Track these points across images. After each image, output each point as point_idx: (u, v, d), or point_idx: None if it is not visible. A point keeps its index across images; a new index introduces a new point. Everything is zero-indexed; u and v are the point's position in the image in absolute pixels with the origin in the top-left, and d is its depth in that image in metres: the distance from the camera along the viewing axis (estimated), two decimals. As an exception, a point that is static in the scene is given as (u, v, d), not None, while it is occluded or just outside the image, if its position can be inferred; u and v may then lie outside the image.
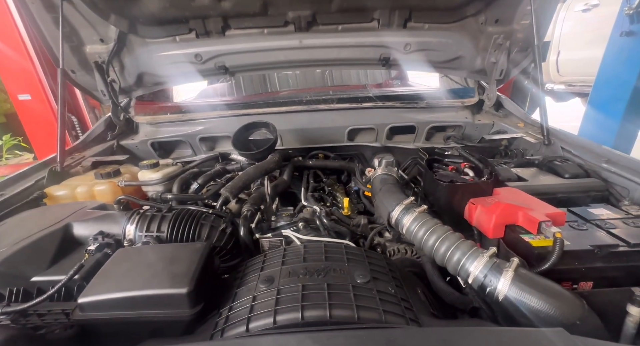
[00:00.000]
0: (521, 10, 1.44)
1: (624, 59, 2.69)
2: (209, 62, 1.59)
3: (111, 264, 0.69)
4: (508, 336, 0.50)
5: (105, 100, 1.63)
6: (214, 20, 1.44)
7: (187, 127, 1.74)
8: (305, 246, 0.79)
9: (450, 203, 0.94)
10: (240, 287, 0.68)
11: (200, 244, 0.76)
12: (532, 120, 1.64)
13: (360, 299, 0.60)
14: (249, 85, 2.49)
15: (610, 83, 2.84)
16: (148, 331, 0.63)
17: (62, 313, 0.67)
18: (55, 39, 1.40)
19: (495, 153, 1.56)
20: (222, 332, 0.58)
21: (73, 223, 0.91)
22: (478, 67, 1.65)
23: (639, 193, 0.99)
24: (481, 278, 0.65)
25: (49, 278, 0.75)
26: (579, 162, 1.21)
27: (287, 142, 1.74)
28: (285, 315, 0.57)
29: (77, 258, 0.83)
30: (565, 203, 0.97)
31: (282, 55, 1.59)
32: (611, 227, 0.79)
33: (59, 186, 1.24)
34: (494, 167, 1.00)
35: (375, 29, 1.51)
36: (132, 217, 0.92)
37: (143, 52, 1.55)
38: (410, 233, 0.82)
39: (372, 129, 1.75)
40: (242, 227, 0.95)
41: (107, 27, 1.45)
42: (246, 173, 1.18)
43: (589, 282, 0.71)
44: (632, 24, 2.56)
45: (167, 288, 0.61)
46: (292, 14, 1.42)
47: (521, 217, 0.78)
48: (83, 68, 1.55)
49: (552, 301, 0.58)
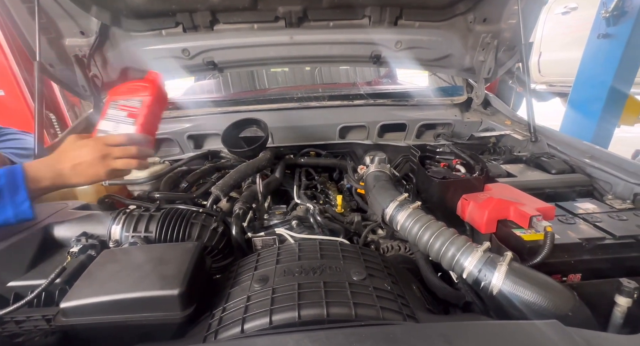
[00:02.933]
0: (508, 9, 1.47)
1: (602, 60, 2.80)
2: (197, 58, 1.55)
3: (96, 266, 0.66)
4: (505, 329, 0.50)
5: (86, 96, 1.55)
6: (202, 14, 1.40)
7: (174, 124, 1.69)
8: (300, 244, 0.78)
9: (443, 199, 0.95)
10: (234, 287, 0.67)
11: (191, 244, 0.73)
12: (518, 117, 1.68)
13: (357, 296, 0.60)
14: (238, 82, 2.44)
15: (589, 83, 2.95)
16: (137, 335, 0.60)
17: (43, 319, 0.63)
18: (31, 30, 1.32)
19: (484, 150, 1.59)
20: (216, 334, 0.56)
21: (53, 224, 0.86)
22: (467, 65, 1.68)
23: (621, 188, 1.03)
24: (475, 273, 0.66)
25: (27, 283, 0.71)
26: (565, 158, 1.25)
27: (278, 140, 1.71)
28: (282, 315, 0.56)
29: (58, 261, 0.78)
30: (552, 198, 0.99)
31: (273, 51, 1.57)
32: (597, 221, 0.82)
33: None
34: (485, 163, 1.01)
35: (366, 26, 1.51)
36: (118, 217, 0.88)
37: (127, 46, 1.48)
38: (404, 230, 0.82)
39: (364, 127, 1.75)
40: (234, 225, 0.93)
41: (89, 19, 1.38)
42: (237, 171, 1.15)
43: (578, 274, 0.72)
44: (608, 26, 2.67)
45: (157, 290, 0.58)
46: (283, 9, 1.40)
47: (513, 212, 0.80)
48: (62, 62, 1.47)
49: (545, 294, 0.59)
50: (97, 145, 0.76)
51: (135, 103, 0.85)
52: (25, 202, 0.70)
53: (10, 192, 0.68)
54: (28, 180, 0.70)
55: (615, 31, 2.65)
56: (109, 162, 0.76)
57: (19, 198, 0.69)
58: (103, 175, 0.76)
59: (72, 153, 0.75)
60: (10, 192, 0.68)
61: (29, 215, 0.71)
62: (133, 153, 0.79)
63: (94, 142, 0.76)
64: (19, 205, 0.69)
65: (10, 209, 0.69)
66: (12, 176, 0.69)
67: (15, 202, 0.69)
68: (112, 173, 0.77)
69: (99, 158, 0.74)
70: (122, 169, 0.79)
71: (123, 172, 0.80)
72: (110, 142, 0.77)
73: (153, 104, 0.86)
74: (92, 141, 0.77)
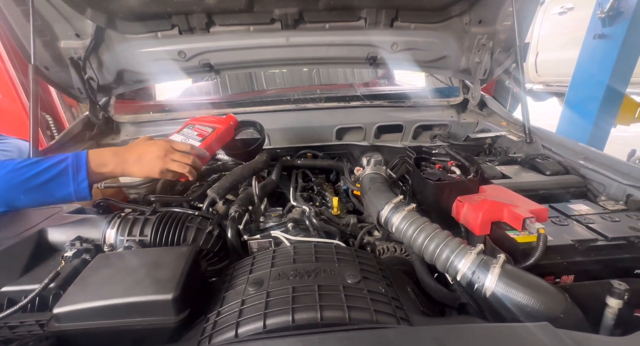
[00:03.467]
0: (503, 11, 1.48)
1: (598, 60, 2.82)
2: (193, 60, 1.55)
3: (90, 271, 0.66)
4: (498, 332, 0.50)
5: (82, 98, 1.55)
6: (198, 16, 1.40)
7: (171, 126, 1.69)
8: (295, 247, 0.78)
9: (438, 201, 0.95)
10: (229, 291, 0.67)
11: (186, 247, 0.73)
12: (514, 118, 1.68)
13: (351, 299, 0.60)
14: (235, 84, 2.44)
15: (585, 83, 2.97)
16: (131, 340, 0.60)
17: (37, 324, 0.63)
18: (25, 33, 1.31)
19: (479, 151, 1.60)
20: (210, 338, 0.56)
21: (48, 228, 0.86)
22: (463, 66, 1.69)
23: (614, 189, 1.04)
24: (469, 275, 0.66)
25: (21, 288, 0.71)
26: (559, 160, 1.25)
27: (274, 142, 1.71)
28: (276, 319, 0.56)
29: (52, 265, 0.78)
30: (546, 200, 1.00)
31: (269, 53, 1.57)
32: (590, 222, 0.82)
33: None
34: (479, 165, 1.02)
35: (362, 28, 1.51)
36: (113, 221, 0.88)
37: (123, 49, 1.48)
38: (399, 232, 0.82)
39: (360, 128, 1.76)
40: (230, 228, 0.93)
41: (84, 22, 1.37)
42: (233, 174, 1.15)
43: (570, 276, 0.73)
44: (604, 27, 2.69)
45: (151, 295, 0.58)
46: (279, 11, 1.40)
47: (506, 214, 0.80)
48: (57, 64, 1.47)
49: (537, 296, 0.59)
50: (165, 144, 0.90)
51: (207, 129, 1.07)
52: (85, 181, 0.80)
53: (74, 170, 0.79)
54: (90, 163, 0.82)
55: (610, 31, 2.67)
56: (167, 161, 0.88)
57: (80, 176, 0.80)
58: (158, 170, 0.88)
59: (142, 147, 0.89)
60: (73, 170, 0.79)
61: (87, 194, 0.81)
62: (189, 161, 0.92)
63: (162, 142, 0.91)
64: (79, 183, 0.80)
65: (72, 186, 0.79)
66: (78, 157, 0.81)
67: (77, 180, 0.79)
68: (166, 172, 0.89)
69: (162, 155, 0.88)
70: (175, 171, 0.90)
71: (175, 175, 0.91)
72: (175, 146, 0.92)
73: (221, 134, 1.10)
74: (162, 141, 0.92)
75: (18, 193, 0.76)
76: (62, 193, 0.79)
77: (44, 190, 0.77)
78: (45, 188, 0.77)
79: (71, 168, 0.79)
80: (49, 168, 0.77)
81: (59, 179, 0.78)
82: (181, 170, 0.90)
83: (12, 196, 0.76)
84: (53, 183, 0.77)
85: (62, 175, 0.78)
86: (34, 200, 0.79)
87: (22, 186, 0.75)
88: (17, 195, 0.76)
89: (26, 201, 0.78)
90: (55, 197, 0.79)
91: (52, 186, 0.78)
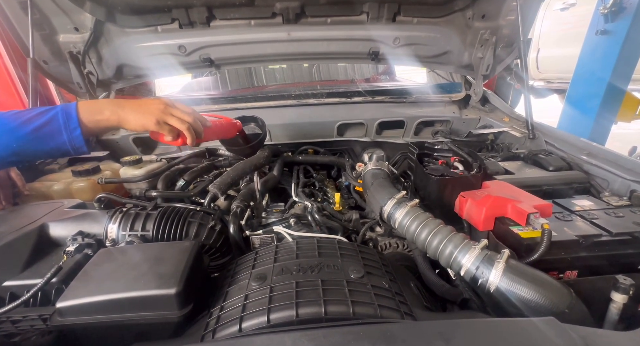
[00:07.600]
0: (507, 6, 1.46)
1: (599, 56, 2.80)
2: (194, 54, 1.53)
3: (93, 265, 0.66)
4: (503, 327, 0.50)
5: (81, 93, 1.54)
6: (198, 10, 1.38)
7: (171, 122, 1.68)
8: (298, 242, 0.78)
9: (441, 196, 0.95)
10: (232, 286, 0.66)
11: (188, 242, 0.73)
12: (516, 114, 1.68)
13: (355, 294, 0.60)
14: (235, 79, 2.42)
15: (587, 80, 2.95)
16: (134, 334, 0.60)
17: (39, 318, 0.62)
18: (24, 26, 1.30)
19: (482, 147, 1.59)
20: (214, 333, 0.56)
21: (49, 223, 0.86)
22: (465, 62, 1.67)
23: (617, 184, 1.03)
24: (473, 270, 0.66)
25: (23, 283, 0.70)
26: (562, 155, 1.25)
27: (276, 137, 1.71)
28: (279, 313, 0.56)
29: (54, 260, 0.78)
30: (550, 195, 1.00)
31: (270, 47, 1.55)
32: (594, 218, 0.82)
33: (33, 184, 1.16)
34: (482, 161, 1.01)
35: (364, 23, 1.50)
36: (115, 216, 0.87)
37: (122, 43, 1.46)
38: (402, 227, 0.82)
39: (362, 124, 1.75)
40: (232, 224, 0.92)
41: (83, 15, 1.36)
42: (235, 169, 1.15)
43: (574, 271, 0.73)
44: (606, 23, 2.67)
45: (154, 289, 0.58)
46: (280, 5, 1.38)
47: (510, 209, 0.80)
48: (56, 58, 1.45)
49: (542, 291, 0.59)
50: (166, 100, 0.86)
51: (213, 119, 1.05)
52: (77, 129, 0.76)
53: (64, 117, 0.75)
54: (82, 110, 0.77)
55: (613, 28, 2.65)
56: (167, 114, 0.83)
57: (71, 124, 0.76)
58: (155, 121, 0.81)
59: (143, 99, 0.85)
60: (64, 117, 0.75)
61: (81, 143, 0.77)
62: (189, 119, 0.86)
63: (164, 99, 0.87)
64: (72, 131, 0.76)
65: (65, 134, 0.75)
66: (67, 105, 0.77)
67: (69, 127, 0.75)
68: (163, 125, 0.83)
69: (162, 108, 0.83)
70: (172, 125, 0.84)
71: (172, 130, 0.84)
72: (177, 104, 0.87)
73: (222, 125, 1.13)
74: (164, 98, 0.87)
75: (9, 141, 0.73)
76: (56, 142, 0.75)
77: (36, 139, 0.74)
78: (36, 137, 0.74)
79: (61, 115, 0.75)
80: (38, 116, 0.74)
81: (49, 126, 0.74)
82: (179, 125, 0.84)
83: (2, 145, 0.72)
84: (44, 132, 0.74)
85: (52, 122, 0.75)
86: (28, 151, 0.76)
87: (12, 134, 0.72)
88: (8, 143, 0.73)
89: (20, 151, 0.75)
90: (50, 145, 0.76)
91: (43, 134, 0.74)
